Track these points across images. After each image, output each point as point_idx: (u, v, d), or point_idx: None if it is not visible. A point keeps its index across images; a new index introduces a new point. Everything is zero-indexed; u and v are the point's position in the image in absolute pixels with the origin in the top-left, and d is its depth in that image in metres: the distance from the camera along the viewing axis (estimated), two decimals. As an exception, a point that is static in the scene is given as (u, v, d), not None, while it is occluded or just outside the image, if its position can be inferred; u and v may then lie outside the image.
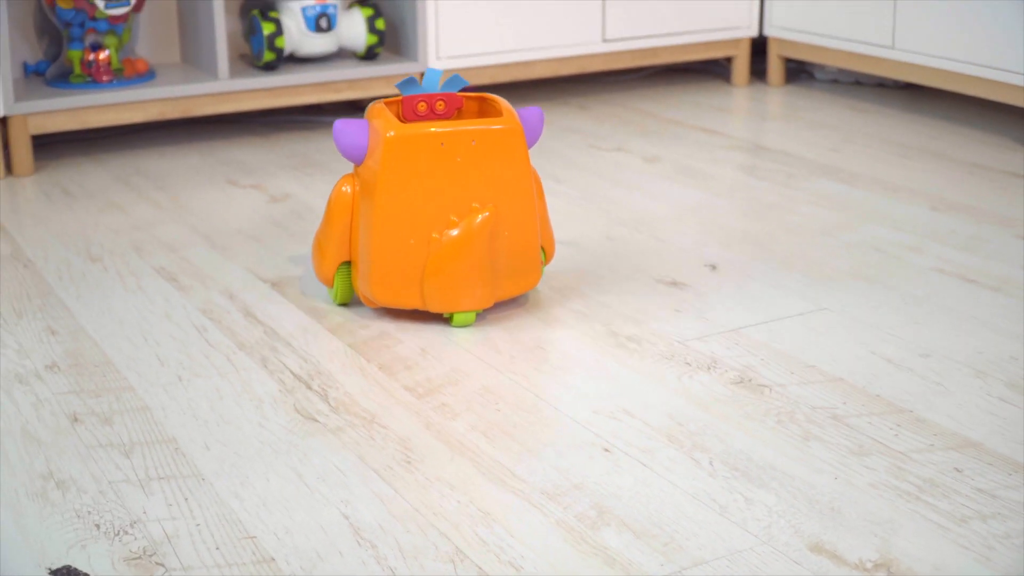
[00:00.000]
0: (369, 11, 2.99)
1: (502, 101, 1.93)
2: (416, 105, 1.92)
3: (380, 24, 2.99)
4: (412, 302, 1.89)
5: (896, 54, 3.02)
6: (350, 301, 1.99)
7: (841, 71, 3.44)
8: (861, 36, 3.10)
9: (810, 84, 3.44)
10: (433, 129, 1.84)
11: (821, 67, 3.46)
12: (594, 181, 2.61)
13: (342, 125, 1.87)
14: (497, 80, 3.10)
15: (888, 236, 2.26)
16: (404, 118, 1.92)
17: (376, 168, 1.84)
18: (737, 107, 3.22)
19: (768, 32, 3.36)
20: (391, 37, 3.05)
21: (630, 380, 1.73)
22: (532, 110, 1.92)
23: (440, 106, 1.93)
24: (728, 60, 3.50)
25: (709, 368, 1.76)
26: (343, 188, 1.90)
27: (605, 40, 3.19)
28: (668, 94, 3.35)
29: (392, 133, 1.83)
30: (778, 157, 2.77)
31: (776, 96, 3.32)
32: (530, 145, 1.90)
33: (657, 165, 2.72)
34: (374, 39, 2.97)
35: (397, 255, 1.86)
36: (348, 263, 1.94)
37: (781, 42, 3.35)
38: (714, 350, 1.82)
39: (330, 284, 1.96)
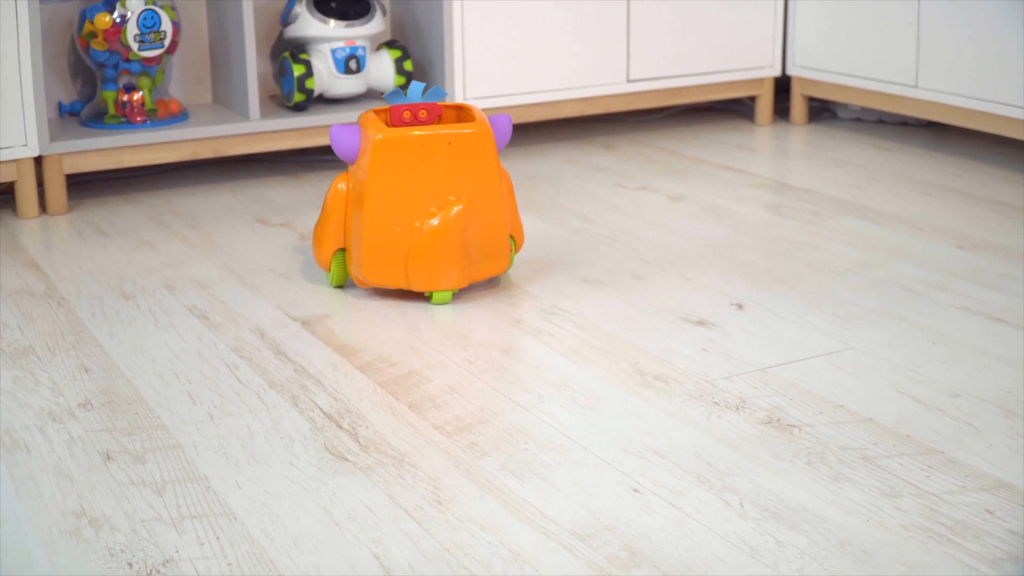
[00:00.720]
0: (397, 53, 2.99)
1: (476, 109, 2.20)
2: (402, 113, 2.18)
3: (408, 65, 2.99)
4: (398, 282, 2.15)
5: (919, 92, 3.00)
6: (344, 284, 2.22)
7: (864, 110, 3.43)
8: (884, 75, 3.09)
9: (833, 123, 3.42)
10: (415, 133, 2.12)
11: (844, 106, 3.45)
12: (620, 219, 2.60)
13: (337, 129, 2.15)
14: (524, 119, 3.09)
15: (914, 274, 2.24)
16: (391, 124, 2.17)
17: (366, 166, 2.12)
18: (761, 145, 3.21)
19: (791, 71, 3.34)
20: (419, 78, 3.05)
21: (658, 419, 1.71)
22: (501, 117, 2.19)
23: (423, 114, 2.19)
24: (752, 99, 3.48)
25: (737, 408, 1.74)
26: (338, 185, 2.17)
27: (630, 80, 3.18)
28: (693, 133, 3.34)
29: (380, 136, 2.11)
30: (803, 195, 2.75)
31: (800, 134, 3.30)
32: (500, 148, 2.17)
33: (682, 203, 2.71)
34: (402, 80, 2.97)
35: (385, 241, 2.13)
36: (343, 250, 2.19)
37: (804, 81, 3.33)
38: (742, 389, 1.80)
39: (327, 269, 2.21)
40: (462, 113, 2.23)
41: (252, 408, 1.77)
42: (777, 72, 3.36)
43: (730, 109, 3.59)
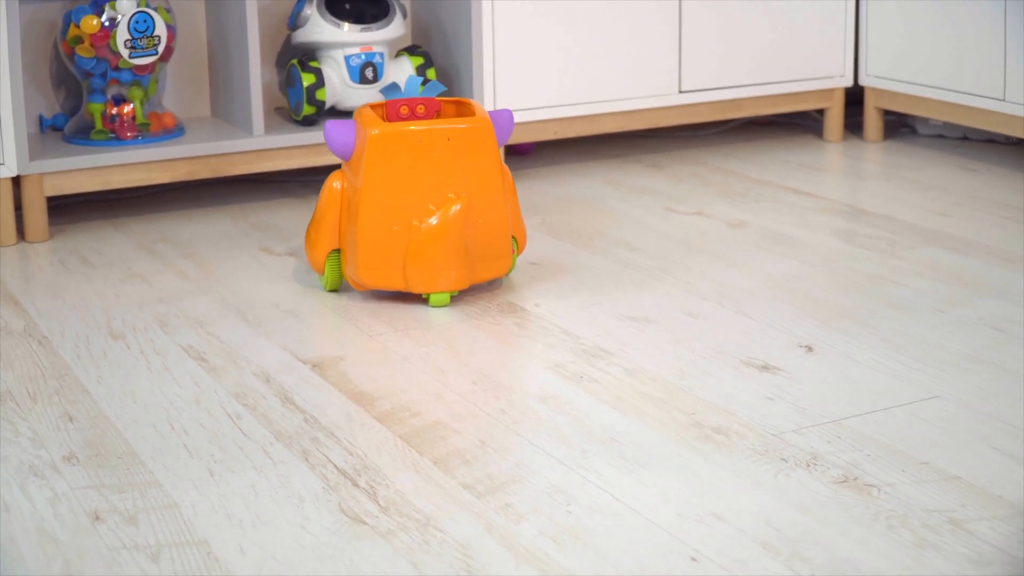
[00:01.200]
0: (419, 59, 3.00)
1: (476, 104, 2.36)
2: (399, 108, 2.34)
3: (431, 74, 3.00)
4: (395, 284, 2.29)
5: (1007, 107, 3.00)
6: (339, 287, 2.38)
7: (946, 125, 3.42)
8: (968, 86, 3.08)
9: (912, 139, 3.42)
10: (412, 127, 2.27)
11: (924, 120, 3.44)
12: (671, 249, 2.60)
13: (332, 125, 2.29)
14: (561, 135, 3.10)
15: (1007, 312, 2.23)
16: (387, 120, 2.32)
17: (362, 163, 2.26)
18: (831, 165, 3.21)
19: (864, 81, 3.34)
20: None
21: (718, 478, 1.70)
22: (502, 112, 2.34)
23: (420, 109, 2.35)
24: (820, 113, 3.48)
25: (808, 465, 1.73)
26: (333, 184, 2.32)
27: (682, 91, 3.19)
28: (753, 151, 3.34)
29: (376, 131, 2.25)
30: (879, 222, 2.75)
31: (874, 153, 3.30)
32: (501, 143, 2.32)
33: (742, 231, 2.71)
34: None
35: (382, 241, 2.27)
36: (338, 251, 2.34)
37: (879, 92, 3.33)
38: (813, 444, 1.79)
39: (321, 271, 2.35)
40: (462, 108, 2.39)
41: (257, 463, 1.77)
42: (848, 82, 3.36)
43: (795, 124, 3.59)
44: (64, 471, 1.76)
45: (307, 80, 2.90)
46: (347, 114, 3.02)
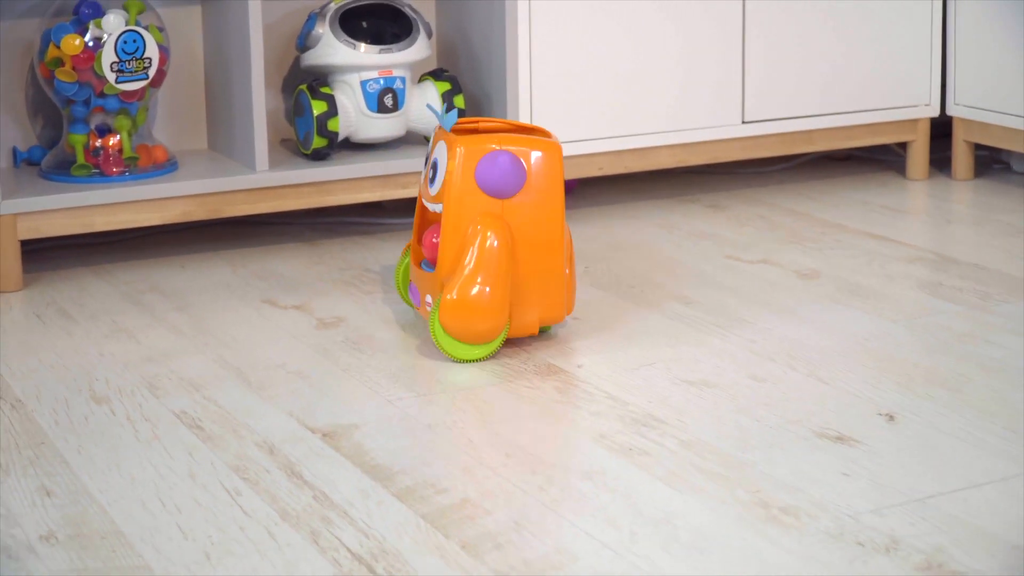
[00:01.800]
0: (446, 85, 3.02)
1: (537, 126, 2.44)
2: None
3: (459, 101, 3.02)
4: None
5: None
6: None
7: (1049, 161, 3.43)
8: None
9: (1007, 177, 3.42)
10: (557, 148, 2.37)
11: (1020, 156, 3.44)
12: (733, 302, 2.61)
13: (510, 159, 2.32)
14: (608, 171, 3.12)
15: (1118, 378, 2.24)
16: None
17: (551, 193, 2.35)
18: (915, 207, 3.21)
19: (952, 111, 3.35)
20: (473, 114, 3.08)
21: (786, 564, 1.71)
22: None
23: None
24: (902, 147, 3.49)
25: (888, 550, 1.74)
26: (492, 243, 2.31)
27: (744, 122, 3.21)
28: (826, 190, 3.36)
29: (541, 153, 2.35)
30: (969, 272, 2.75)
31: (963, 192, 3.30)
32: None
33: (814, 282, 2.72)
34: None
35: (563, 278, 2.39)
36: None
37: (969, 124, 3.34)
38: (894, 527, 1.79)
39: (497, 336, 2.34)
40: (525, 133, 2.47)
41: (260, 546, 1.78)
42: (935, 112, 3.37)
43: (874, 159, 3.59)
44: (41, 553, 1.77)
45: (318, 108, 2.92)
46: (361, 147, 3.04)
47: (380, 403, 2.21)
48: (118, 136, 2.87)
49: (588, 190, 3.37)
